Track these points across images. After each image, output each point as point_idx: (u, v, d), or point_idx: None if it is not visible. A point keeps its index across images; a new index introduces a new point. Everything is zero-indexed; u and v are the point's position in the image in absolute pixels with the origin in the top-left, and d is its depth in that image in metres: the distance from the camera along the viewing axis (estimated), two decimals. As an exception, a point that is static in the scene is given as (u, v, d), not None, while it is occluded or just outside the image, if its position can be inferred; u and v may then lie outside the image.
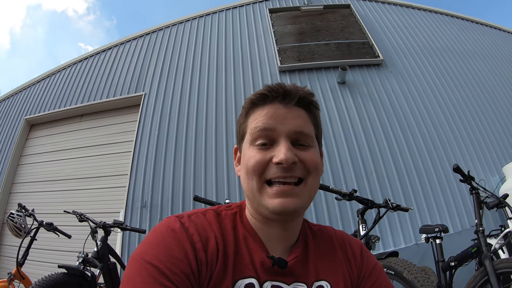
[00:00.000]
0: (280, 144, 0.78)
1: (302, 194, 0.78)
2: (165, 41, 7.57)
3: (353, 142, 5.52)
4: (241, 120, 0.92)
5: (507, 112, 6.59)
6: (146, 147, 5.75)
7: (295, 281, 0.81)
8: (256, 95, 0.86)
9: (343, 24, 7.47)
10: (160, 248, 0.71)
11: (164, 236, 0.74)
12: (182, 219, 0.79)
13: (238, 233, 0.84)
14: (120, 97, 6.71)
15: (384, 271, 0.96)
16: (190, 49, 7.24)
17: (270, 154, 0.79)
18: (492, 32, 8.98)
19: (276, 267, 0.79)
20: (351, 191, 2.45)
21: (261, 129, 0.81)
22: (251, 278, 0.76)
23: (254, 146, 0.82)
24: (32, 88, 8.13)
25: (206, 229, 0.79)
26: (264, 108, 0.84)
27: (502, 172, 5.39)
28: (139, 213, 5.15)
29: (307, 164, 0.80)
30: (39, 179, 6.60)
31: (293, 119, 0.82)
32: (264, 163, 0.78)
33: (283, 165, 0.76)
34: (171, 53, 7.23)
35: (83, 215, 3.07)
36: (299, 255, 0.86)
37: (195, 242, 0.74)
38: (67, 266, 2.53)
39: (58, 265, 2.56)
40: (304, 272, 0.84)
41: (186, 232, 0.75)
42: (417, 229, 4.54)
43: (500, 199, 2.74)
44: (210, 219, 0.83)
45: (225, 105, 6.10)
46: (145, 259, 0.69)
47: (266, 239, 0.85)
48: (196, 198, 2.96)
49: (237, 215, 0.89)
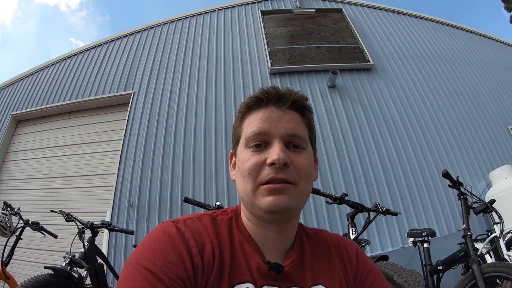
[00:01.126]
0: (274, 146, 0.79)
1: (294, 194, 0.78)
2: (156, 40, 7.53)
3: (342, 146, 5.56)
4: (236, 125, 0.92)
5: (494, 118, 6.72)
6: (134, 146, 5.71)
7: (291, 285, 0.81)
8: (251, 98, 0.87)
9: (334, 28, 7.53)
10: (156, 253, 0.70)
11: (160, 241, 0.73)
12: (178, 224, 0.79)
13: (234, 238, 0.83)
14: (109, 95, 6.66)
15: (381, 274, 0.96)
16: (181, 48, 7.22)
17: (264, 156, 0.79)
18: (481, 40, 9.16)
19: (273, 272, 0.79)
20: (342, 195, 2.46)
21: (256, 133, 0.81)
22: (248, 283, 0.76)
23: (248, 148, 0.83)
24: (19, 83, 8.00)
25: (202, 234, 0.79)
26: (259, 112, 0.85)
27: (488, 178, 5.48)
28: (126, 213, 5.10)
29: (299, 169, 0.80)
30: (25, 176, 6.50)
31: (287, 122, 0.83)
32: (259, 166, 0.79)
33: (276, 165, 0.76)
34: (161, 52, 7.20)
35: (70, 215, 3.01)
36: (296, 260, 0.85)
37: (191, 247, 0.74)
38: (53, 267, 2.48)
39: (45, 266, 2.52)
40: (300, 276, 0.84)
41: (182, 237, 0.75)
42: (405, 233, 4.59)
43: (488, 204, 2.78)
44: (206, 224, 0.83)
45: (215, 105, 6.08)
46: (141, 264, 0.69)
47: (262, 243, 0.84)
48: (187, 200, 2.93)
49: (232, 220, 0.88)
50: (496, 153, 6.16)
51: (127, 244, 4.81)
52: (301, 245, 0.91)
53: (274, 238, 0.85)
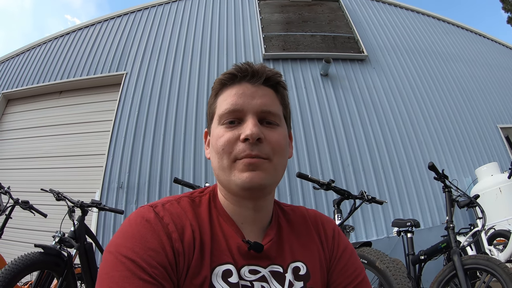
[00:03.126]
0: (247, 121, 0.79)
1: (269, 170, 0.79)
2: (150, 21, 7.43)
3: (332, 134, 5.61)
4: (210, 101, 0.91)
5: (483, 116, 6.81)
6: (125, 127, 5.69)
7: (271, 263, 0.82)
8: (225, 75, 0.87)
9: (330, 17, 7.51)
10: (135, 240, 0.69)
11: (139, 227, 0.72)
12: (156, 208, 0.77)
13: (213, 218, 0.83)
14: (101, 75, 6.59)
15: (356, 254, 0.96)
16: (175, 30, 7.15)
17: (238, 132, 0.79)
18: (476, 38, 9.22)
19: (252, 251, 0.80)
20: (329, 181, 2.51)
21: (229, 110, 0.81)
22: (228, 264, 0.76)
23: (222, 125, 0.82)
24: (11, 61, 7.84)
25: (182, 218, 0.78)
26: (233, 88, 0.85)
27: (474, 174, 5.57)
28: (115, 193, 5.11)
29: (273, 144, 0.80)
30: (15, 156, 6.44)
31: (261, 97, 0.83)
32: (233, 141, 0.79)
33: (250, 140, 0.77)
34: (155, 33, 7.13)
35: (60, 194, 2.99)
36: (274, 237, 0.86)
37: (171, 232, 0.73)
38: (43, 246, 2.47)
39: (35, 244, 2.52)
40: (279, 254, 0.84)
41: (161, 222, 0.74)
42: (389, 222, 4.68)
43: (472, 199, 2.86)
44: (184, 207, 0.82)
45: (207, 88, 6.09)
46: (121, 252, 0.67)
47: (240, 221, 0.85)
48: (176, 181, 2.95)
49: (210, 200, 0.88)
50: (483, 150, 6.26)
51: (115, 224, 4.83)
52: (278, 222, 0.92)
53: (252, 216, 0.85)
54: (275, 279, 0.80)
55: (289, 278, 0.81)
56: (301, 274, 0.84)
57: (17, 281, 2.26)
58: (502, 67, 8.52)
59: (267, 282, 0.79)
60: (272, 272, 0.81)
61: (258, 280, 0.78)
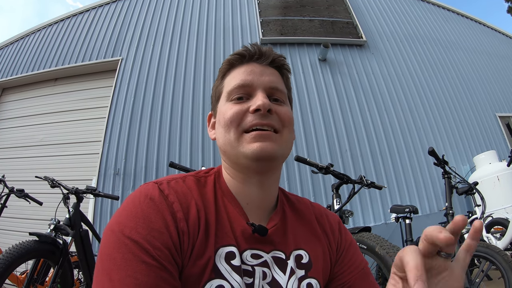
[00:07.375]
0: (257, 95, 0.81)
1: (279, 141, 0.79)
2: (145, 6, 7.32)
3: (330, 119, 5.58)
4: (217, 83, 0.92)
5: (482, 104, 6.81)
6: (121, 113, 5.64)
7: (273, 249, 0.80)
8: (233, 55, 0.88)
9: (329, 2, 7.42)
10: (138, 219, 0.66)
11: (143, 206, 0.69)
12: (161, 185, 0.74)
13: (218, 199, 0.81)
14: (96, 61, 6.51)
15: (359, 248, 0.98)
16: (171, 14, 7.05)
17: (247, 105, 0.80)
18: (476, 26, 9.16)
19: (256, 234, 0.78)
20: (328, 165, 2.47)
21: (239, 85, 0.82)
22: (232, 246, 0.75)
23: (230, 101, 0.83)
24: (5, 49, 7.71)
25: (187, 196, 0.76)
26: (242, 67, 0.86)
27: (473, 161, 5.57)
28: (111, 180, 5.09)
29: (282, 117, 0.81)
30: (10, 144, 6.38)
31: (269, 75, 0.85)
32: (242, 113, 0.79)
33: (261, 111, 0.77)
34: (151, 18, 7.02)
35: (55, 181, 2.95)
36: (279, 223, 0.85)
37: (176, 211, 0.71)
38: (38, 234, 2.44)
39: (30, 232, 2.49)
40: (283, 240, 0.83)
41: (166, 200, 0.71)
42: (387, 208, 4.69)
43: (471, 186, 2.83)
44: (190, 185, 0.80)
45: (203, 73, 6.04)
46: (124, 233, 0.65)
47: (246, 202, 0.83)
48: (172, 165, 2.91)
49: (216, 181, 0.86)
50: (482, 139, 6.26)
51: (112, 210, 4.82)
52: (283, 208, 0.91)
53: (258, 195, 0.84)
54: (277, 265, 0.79)
55: (291, 266, 0.80)
56: (303, 263, 0.83)
57: (12, 270, 2.23)
58: (502, 56, 8.49)
59: (268, 267, 0.77)
60: (274, 258, 0.80)
61: (260, 265, 0.77)
